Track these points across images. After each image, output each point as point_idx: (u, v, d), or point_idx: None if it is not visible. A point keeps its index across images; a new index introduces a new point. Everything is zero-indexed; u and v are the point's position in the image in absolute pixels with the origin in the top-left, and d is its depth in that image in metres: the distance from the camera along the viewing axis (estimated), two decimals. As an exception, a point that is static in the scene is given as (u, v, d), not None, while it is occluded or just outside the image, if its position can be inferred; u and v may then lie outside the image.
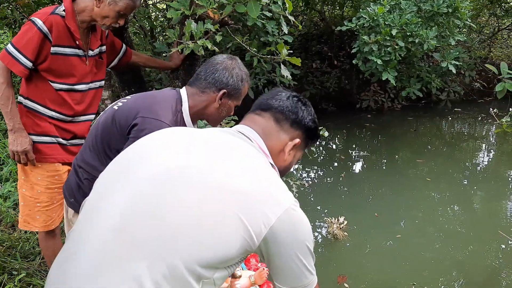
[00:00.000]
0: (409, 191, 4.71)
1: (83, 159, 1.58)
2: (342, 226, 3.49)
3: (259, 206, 0.88)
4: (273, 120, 1.09)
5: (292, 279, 0.96)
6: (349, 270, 3.01)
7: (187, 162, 0.94)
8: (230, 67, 1.51)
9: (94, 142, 1.53)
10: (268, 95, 1.15)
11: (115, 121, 1.44)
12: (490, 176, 5.49)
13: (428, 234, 3.71)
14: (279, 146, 1.09)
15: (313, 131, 1.15)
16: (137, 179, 0.93)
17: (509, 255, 3.37)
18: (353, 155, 5.97)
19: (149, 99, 1.47)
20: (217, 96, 1.49)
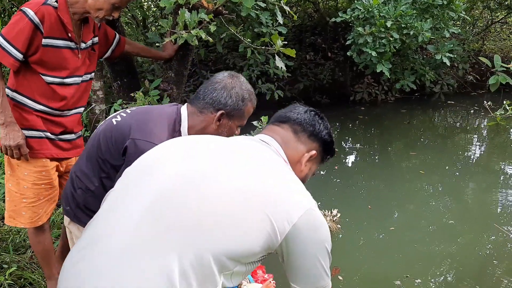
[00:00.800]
0: (401, 184, 4.72)
1: (79, 167, 1.56)
2: (335, 218, 3.49)
3: (283, 205, 0.94)
4: (291, 131, 1.14)
5: (310, 280, 1.00)
6: (343, 263, 3.01)
7: (217, 162, 1.00)
8: (229, 86, 1.45)
9: (90, 151, 1.51)
10: (287, 108, 1.20)
11: (112, 137, 1.42)
12: (482, 169, 5.52)
13: (420, 226, 3.72)
14: (297, 156, 1.13)
15: (329, 144, 1.21)
16: (167, 174, 0.98)
17: (501, 247, 3.39)
18: (346, 147, 5.97)
19: (144, 116, 1.42)
20: (215, 117, 1.44)
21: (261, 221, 0.91)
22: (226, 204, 0.92)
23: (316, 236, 0.97)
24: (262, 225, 0.91)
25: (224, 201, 0.92)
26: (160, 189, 0.95)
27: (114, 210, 0.99)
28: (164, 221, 0.90)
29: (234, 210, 0.91)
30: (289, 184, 1.01)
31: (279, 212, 0.93)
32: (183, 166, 0.99)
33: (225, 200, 0.92)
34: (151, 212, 0.91)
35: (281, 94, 5.77)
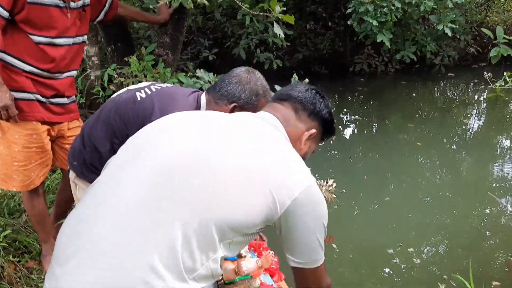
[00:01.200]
0: (399, 156, 4.72)
1: (92, 127, 1.58)
2: (331, 188, 3.48)
3: (285, 181, 0.97)
4: (292, 109, 1.16)
5: (306, 252, 1.05)
6: (337, 231, 3.03)
7: (224, 138, 1.02)
8: (244, 81, 1.50)
9: (108, 116, 1.53)
10: (288, 87, 1.22)
11: (134, 111, 1.46)
12: (480, 142, 5.52)
13: (416, 198, 3.74)
14: (297, 135, 1.15)
15: (329, 123, 1.23)
16: (175, 146, 1.00)
17: (495, 220, 3.42)
18: (345, 119, 5.94)
19: (169, 102, 1.46)
20: (228, 109, 1.48)
21: (264, 195, 0.94)
22: (233, 178, 0.95)
23: (314, 212, 1.01)
24: (265, 199, 0.94)
25: (231, 176, 0.95)
26: (167, 161, 0.96)
27: (117, 178, 0.99)
28: (171, 192, 0.92)
29: (240, 184, 0.94)
30: (291, 161, 1.04)
31: (281, 187, 0.96)
32: (191, 141, 1.01)
33: (232, 175, 0.95)
34: (157, 183, 0.93)
35: (280, 64, 5.68)
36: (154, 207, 0.91)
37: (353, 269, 2.67)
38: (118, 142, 1.50)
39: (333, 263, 2.71)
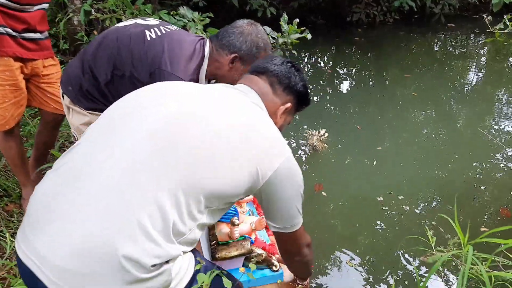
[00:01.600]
0: (394, 107, 4.63)
1: (95, 55, 1.54)
2: (323, 138, 3.43)
3: (267, 153, 1.02)
4: (268, 83, 1.19)
5: (285, 219, 1.12)
6: (327, 180, 3.00)
7: (208, 108, 1.02)
8: (246, 32, 1.51)
9: (110, 47, 1.50)
10: (264, 59, 1.23)
11: (142, 51, 1.44)
12: (478, 95, 5.42)
13: (409, 149, 3.69)
14: (273, 108, 1.18)
15: (304, 96, 1.27)
16: (161, 115, 0.99)
17: (488, 173, 3.38)
18: (341, 71, 5.79)
19: (177, 48, 1.45)
20: (229, 59, 1.51)
21: (249, 168, 0.99)
22: (220, 150, 0.97)
23: (292, 181, 1.08)
24: (250, 172, 0.99)
25: (219, 147, 0.97)
26: (153, 129, 0.96)
27: (100, 146, 0.97)
28: (163, 155, 0.93)
29: (228, 155, 0.97)
30: (271, 134, 1.07)
31: (264, 159, 1.01)
32: (184, 105, 1.02)
33: (221, 143, 0.97)
34: (148, 145, 0.94)
35: (273, 12, 5.46)
36: (146, 169, 0.91)
37: (343, 216, 2.65)
38: (119, 74, 1.49)
39: (323, 211, 2.69)
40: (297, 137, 3.61)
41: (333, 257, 2.32)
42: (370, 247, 2.39)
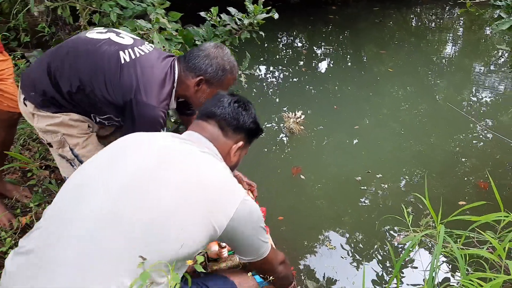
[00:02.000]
0: (371, 84, 4.58)
1: (58, 64, 1.48)
2: (299, 120, 3.37)
3: (219, 203, 1.03)
4: (217, 127, 1.21)
5: (252, 252, 1.16)
6: (305, 163, 2.95)
7: (155, 168, 1.02)
8: (212, 55, 1.53)
9: (79, 60, 1.47)
10: (212, 101, 1.26)
11: (117, 75, 1.44)
12: (455, 67, 5.41)
13: (388, 126, 3.65)
14: (226, 149, 1.22)
15: (254, 131, 1.30)
16: (117, 178, 0.99)
17: (468, 145, 3.38)
18: (318, 51, 5.71)
19: (150, 77, 1.47)
20: (195, 82, 1.53)
21: (206, 226, 1.00)
22: (173, 213, 0.96)
23: (251, 222, 1.09)
24: (207, 229, 1.00)
25: (171, 210, 0.96)
26: (105, 208, 0.95)
27: (67, 215, 0.97)
28: (115, 239, 0.92)
29: (184, 217, 0.97)
30: (223, 181, 1.08)
31: (217, 210, 1.02)
32: (127, 180, 1.00)
33: (172, 210, 0.96)
34: (104, 222, 0.93)
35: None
36: (103, 252, 0.91)
37: (322, 199, 2.61)
38: (86, 90, 1.48)
39: (301, 195, 2.64)
40: (274, 121, 3.54)
41: (313, 240, 2.28)
42: (350, 228, 2.35)
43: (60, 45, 1.56)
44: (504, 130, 3.68)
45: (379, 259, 2.14)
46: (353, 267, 2.10)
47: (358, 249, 2.21)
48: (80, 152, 1.57)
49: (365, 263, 2.11)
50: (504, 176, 2.89)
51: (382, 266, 2.10)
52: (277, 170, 2.86)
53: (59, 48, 1.54)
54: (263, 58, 5.35)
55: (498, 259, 1.13)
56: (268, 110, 3.74)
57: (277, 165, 2.93)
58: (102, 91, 1.46)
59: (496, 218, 1.17)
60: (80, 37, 1.55)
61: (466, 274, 1.19)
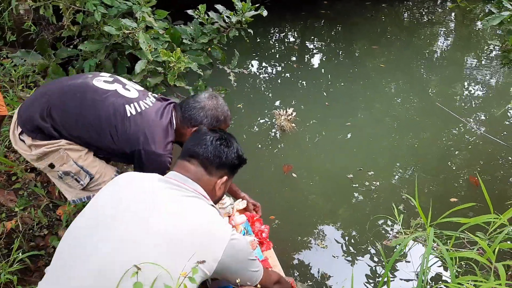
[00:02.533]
0: (363, 80, 4.56)
1: (59, 108, 1.50)
2: (290, 117, 3.34)
3: (207, 248, 1.06)
4: (201, 166, 1.25)
5: (245, 280, 1.20)
6: (297, 160, 2.93)
7: (143, 225, 1.04)
8: (207, 107, 1.61)
9: (82, 108, 1.50)
10: (194, 140, 1.29)
11: (123, 128, 1.51)
12: (447, 62, 5.40)
13: (380, 122, 3.64)
14: (210, 186, 1.26)
15: (237, 165, 1.34)
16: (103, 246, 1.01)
17: (460, 139, 3.38)
18: (310, 46, 5.68)
19: (155, 129, 1.55)
20: (191, 131, 1.59)
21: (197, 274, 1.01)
22: (162, 264, 0.97)
23: (239, 258, 1.14)
24: (197, 274, 1.02)
25: (160, 261, 0.97)
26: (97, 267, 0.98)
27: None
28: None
29: (171, 270, 0.98)
30: (209, 225, 1.10)
31: (205, 255, 1.04)
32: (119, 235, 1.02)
33: (160, 261, 0.98)
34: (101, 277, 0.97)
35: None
36: None
37: (313, 197, 2.59)
38: (93, 139, 1.53)
39: (294, 192, 2.62)
40: (265, 118, 3.52)
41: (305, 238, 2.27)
42: (341, 226, 2.34)
43: (62, 87, 1.56)
44: (495, 124, 3.69)
45: (371, 257, 2.12)
46: (345, 265, 2.09)
47: (350, 247, 2.20)
48: (84, 163, 1.56)
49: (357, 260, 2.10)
50: (496, 169, 2.89)
51: (373, 263, 2.09)
52: (269, 168, 2.84)
53: (61, 91, 1.55)
54: (254, 54, 5.31)
55: (488, 262, 1.11)
56: (260, 107, 3.71)
57: (269, 163, 2.91)
58: (108, 141, 1.52)
59: (486, 220, 1.16)
60: (88, 84, 1.56)
61: (456, 276, 1.18)
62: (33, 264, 1.74)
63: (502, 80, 4.80)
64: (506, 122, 3.72)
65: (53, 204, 2.03)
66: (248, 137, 3.21)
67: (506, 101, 4.24)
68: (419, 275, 1.16)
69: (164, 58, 1.92)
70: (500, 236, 1.13)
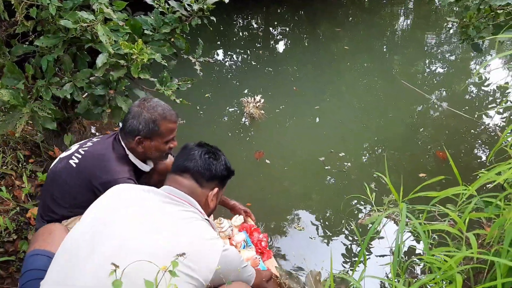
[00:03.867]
0: (330, 64, 4.60)
1: (51, 210, 1.55)
2: (259, 104, 3.33)
3: (202, 261, 1.11)
4: (193, 180, 1.29)
5: (244, 281, 1.30)
6: (268, 146, 2.93)
7: (136, 235, 1.08)
8: (137, 114, 1.58)
9: (46, 191, 1.56)
10: (184, 155, 1.33)
11: (74, 178, 1.53)
12: (408, 41, 5.51)
13: (348, 104, 3.68)
14: (203, 199, 1.30)
15: (227, 176, 1.39)
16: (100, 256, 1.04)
17: (424, 116, 3.46)
18: (275, 32, 5.67)
19: (99, 160, 1.55)
20: (134, 143, 1.59)
21: (192, 280, 1.07)
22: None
23: (232, 268, 1.21)
24: (194, 283, 1.08)
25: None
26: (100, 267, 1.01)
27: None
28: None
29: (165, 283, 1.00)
30: (202, 239, 1.15)
31: (200, 267, 1.09)
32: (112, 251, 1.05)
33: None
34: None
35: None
36: None
37: (288, 182, 2.60)
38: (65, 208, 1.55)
39: (268, 178, 2.63)
40: (234, 107, 3.49)
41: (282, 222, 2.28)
42: (317, 208, 2.37)
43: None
44: (456, 98, 3.80)
45: (347, 236, 2.16)
46: (322, 246, 2.12)
47: (326, 229, 2.22)
48: None
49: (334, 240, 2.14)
50: (460, 142, 2.99)
51: (350, 242, 2.12)
52: (241, 156, 2.83)
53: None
54: (219, 42, 5.25)
55: (460, 232, 1.15)
56: (228, 96, 3.68)
57: (241, 151, 2.90)
58: (75, 201, 1.54)
59: (455, 192, 1.19)
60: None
61: (430, 249, 1.21)
62: (4, 270, 1.68)
63: (461, 56, 4.95)
64: (467, 97, 3.85)
65: (20, 208, 1.96)
66: (218, 126, 3.18)
67: (466, 76, 4.37)
68: (394, 250, 1.18)
69: (126, 50, 1.86)
70: (469, 207, 1.16)
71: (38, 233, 1.28)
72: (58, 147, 2.35)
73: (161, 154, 1.67)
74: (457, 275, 0.99)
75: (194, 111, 3.28)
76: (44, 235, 1.25)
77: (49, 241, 1.24)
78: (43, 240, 1.23)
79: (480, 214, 1.22)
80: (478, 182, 1.10)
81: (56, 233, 1.27)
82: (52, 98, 1.88)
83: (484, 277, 1.19)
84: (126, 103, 1.96)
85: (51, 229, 1.29)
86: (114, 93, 1.95)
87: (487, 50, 4.85)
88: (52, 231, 1.28)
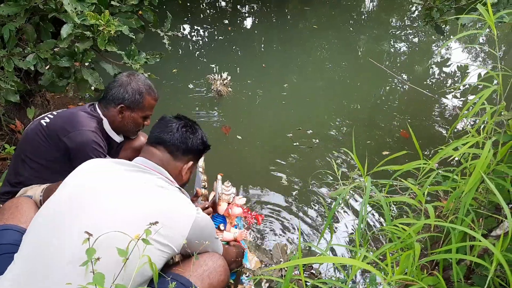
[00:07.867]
0: (298, 42, 4.62)
1: (17, 172, 1.58)
2: (226, 82, 3.32)
3: (175, 226, 1.12)
4: (167, 152, 1.29)
5: (213, 250, 1.32)
6: (238, 123, 2.94)
7: (112, 205, 1.09)
8: (125, 83, 1.64)
9: (26, 146, 1.58)
10: (161, 127, 1.32)
11: (44, 135, 1.54)
12: (373, 22, 5.60)
13: (315, 82, 3.73)
14: (176, 171, 1.31)
15: (203, 150, 1.40)
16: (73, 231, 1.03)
17: (389, 94, 3.56)
18: (243, 9, 5.61)
19: (72, 116, 1.57)
20: (117, 111, 1.64)
21: (162, 248, 1.08)
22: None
23: (205, 234, 1.21)
24: (167, 252, 1.10)
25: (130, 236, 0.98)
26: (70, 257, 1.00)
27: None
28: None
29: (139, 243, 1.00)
30: (175, 204, 1.16)
31: (174, 233, 1.11)
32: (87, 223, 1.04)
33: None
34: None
35: None
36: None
37: (257, 157, 2.64)
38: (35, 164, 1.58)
39: (237, 153, 2.65)
40: (201, 83, 3.46)
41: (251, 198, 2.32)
42: (285, 185, 2.42)
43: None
44: (419, 79, 3.93)
45: (315, 210, 2.23)
46: (292, 220, 2.18)
47: (294, 204, 2.28)
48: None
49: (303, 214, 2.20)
50: (422, 120, 3.11)
51: (318, 215, 2.20)
52: (210, 133, 2.83)
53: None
54: (186, 18, 5.15)
55: (419, 204, 1.21)
56: (195, 72, 3.64)
57: (210, 128, 2.90)
58: (45, 161, 1.56)
59: (416, 166, 1.26)
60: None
61: (391, 220, 1.28)
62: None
63: (424, 37, 5.09)
64: (430, 77, 3.98)
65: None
66: (185, 103, 3.16)
67: (428, 56, 4.52)
68: (358, 221, 1.24)
69: (92, 21, 1.81)
70: (428, 180, 1.23)
71: (4, 207, 1.26)
72: (20, 120, 2.28)
73: (135, 128, 1.72)
74: (416, 244, 1.05)
75: (160, 86, 3.23)
76: (11, 209, 1.23)
77: (17, 215, 1.21)
78: (11, 213, 1.21)
79: (438, 187, 1.29)
80: (437, 157, 1.17)
81: (23, 206, 1.25)
82: (14, 69, 1.82)
83: (440, 246, 1.27)
84: (92, 76, 1.91)
85: (17, 203, 1.26)
86: (80, 65, 1.90)
87: (448, 35, 5.01)
88: (19, 204, 1.26)
